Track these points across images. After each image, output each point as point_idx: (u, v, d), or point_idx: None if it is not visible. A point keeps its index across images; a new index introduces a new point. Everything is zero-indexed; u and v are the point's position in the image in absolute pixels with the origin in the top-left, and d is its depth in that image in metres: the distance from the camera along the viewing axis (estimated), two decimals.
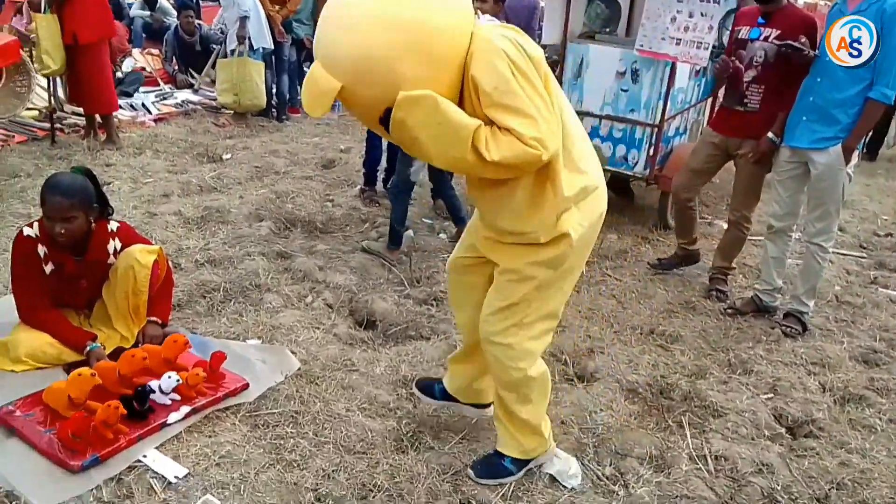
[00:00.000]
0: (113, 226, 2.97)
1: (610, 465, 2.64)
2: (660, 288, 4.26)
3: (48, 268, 2.82)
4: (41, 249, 2.79)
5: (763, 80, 3.87)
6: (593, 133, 5.22)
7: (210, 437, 2.54)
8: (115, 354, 2.89)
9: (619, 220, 5.43)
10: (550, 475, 2.51)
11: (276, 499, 2.30)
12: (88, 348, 2.77)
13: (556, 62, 5.69)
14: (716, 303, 4.07)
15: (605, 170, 5.32)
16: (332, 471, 2.44)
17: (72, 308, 3.01)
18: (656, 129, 4.99)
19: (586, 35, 5.60)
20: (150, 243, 3.09)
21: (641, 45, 4.91)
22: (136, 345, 2.97)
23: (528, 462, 2.51)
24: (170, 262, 3.24)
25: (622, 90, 5.09)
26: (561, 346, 3.44)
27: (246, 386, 2.79)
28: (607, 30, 5.90)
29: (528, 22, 7.09)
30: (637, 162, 5.13)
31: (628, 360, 3.38)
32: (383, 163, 5.28)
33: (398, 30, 1.79)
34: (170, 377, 2.55)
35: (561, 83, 5.35)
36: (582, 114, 5.24)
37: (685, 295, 4.18)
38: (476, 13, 2.05)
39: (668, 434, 2.84)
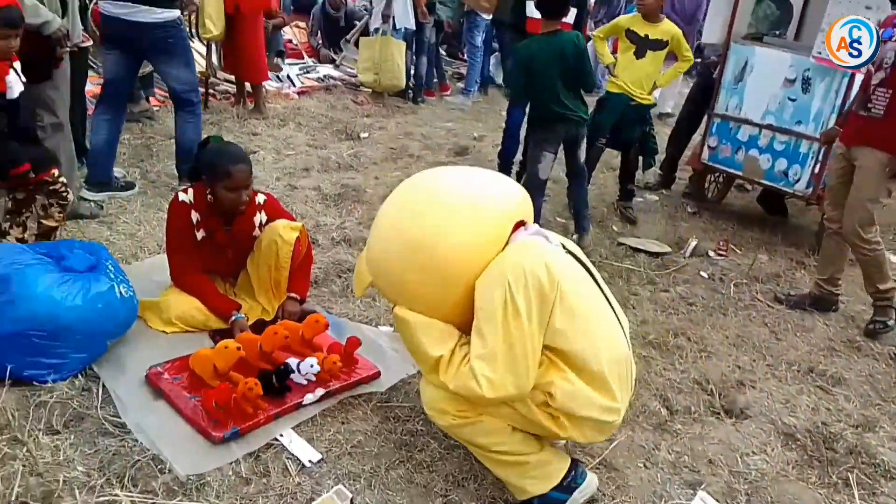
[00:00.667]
0: (260, 198, 2.99)
1: None
2: (819, 321, 3.86)
3: (199, 234, 2.88)
4: (194, 216, 2.84)
5: (891, 83, 3.41)
6: (751, 143, 4.84)
7: (343, 423, 2.49)
8: (256, 326, 2.93)
9: (770, 239, 5.02)
10: None
11: (405, 499, 2.22)
12: (233, 318, 2.81)
13: (716, 63, 5.31)
14: (885, 345, 3.63)
15: (759, 183, 4.98)
16: (462, 478, 2.33)
17: (219, 275, 3.07)
18: (826, 145, 4.53)
19: (752, 36, 5.16)
20: (294, 219, 3.10)
21: (819, 52, 4.46)
22: (275, 319, 2.99)
23: (565, 483, 2.17)
24: (309, 239, 3.24)
25: (789, 99, 4.66)
26: (707, 374, 3.17)
27: (377, 374, 2.73)
28: (776, 32, 5.43)
29: (694, 13, 6.69)
30: (799, 179, 4.69)
31: (784, 400, 3.06)
32: (519, 155, 5.13)
33: (411, 248, 1.93)
34: (312, 365, 2.53)
35: (718, 86, 4.98)
36: (739, 120, 4.87)
37: (849, 332, 3.76)
38: (523, 226, 2.05)
39: (832, 492, 2.53)
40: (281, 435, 2.35)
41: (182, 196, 2.85)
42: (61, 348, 2.40)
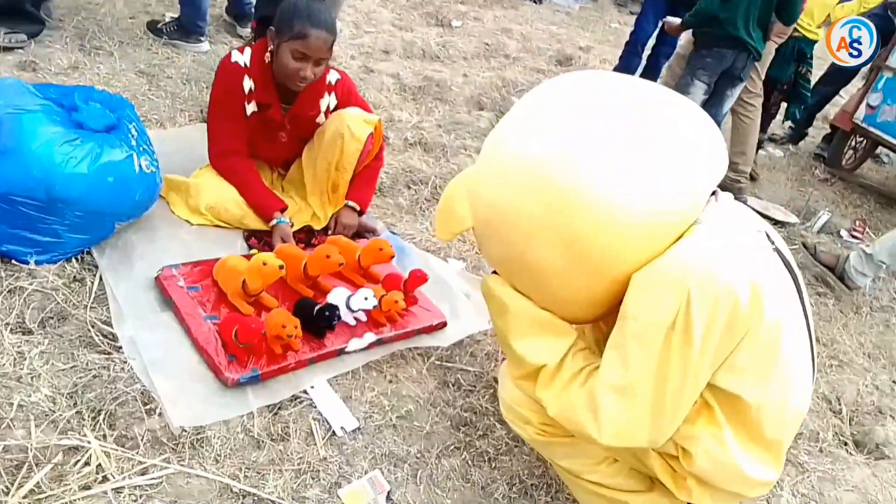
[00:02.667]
0: (333, 77, 2.35)
1: None
2: None
3: (250, 107, 2.27)
4: (248, 83, 2.23)
5: None
6: None
7: (391, 382, 1.96)
8: (303, 234, 2.37)
9: None
10: None
11: (457, 503, 1.69)
12: (275, 221, 2.24)
13: None
14: None
15: None
16: (532, 485, 1.80)
17: (266, 162, 2.49)
18: None
19: None
20: (369, 108, 2.46)
21: None
22: (325, 229, 2.42)
23: None
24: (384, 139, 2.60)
25: None
26: (838, 392, 2.53)
27: (443, 325, 2.17)
28: None
29: None
30: None
31: None
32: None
33: (557, 212, 1.24)
34: (366, 298, 1.96)
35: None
36: None
37: None
38: (714, 196, 1.36)
39: None
40: (312, 387, 1.82)
41: (236, 56, 2.23)
42: (54, 224, 1.87)
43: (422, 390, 1.96)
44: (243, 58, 2.22)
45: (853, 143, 4.68)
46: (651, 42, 4.41)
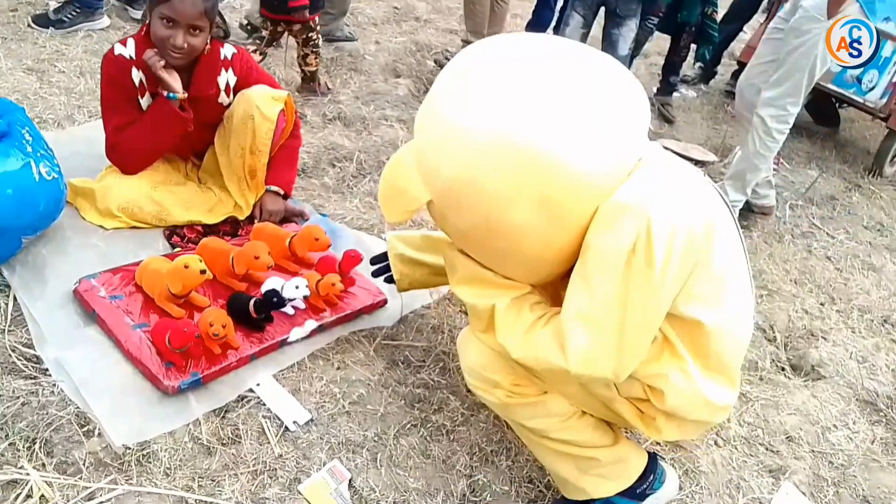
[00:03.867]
0: (227, 51, 2.21)
1: None
2: (887, 258, 3.33)
3: (145, 101, 2.13)
4: (137, 75, 2.08)
5: None
6: None
7: (339, 369, 1.91)
8: (228, 226, 2.27)
9: (821, 153, 4.42)
10: None
11: (421, 481, 1.68)
12: (166, 95, 2.08)
13: None
14: None
15: (825, 88, 4.27)
16: (491, 451, 1.80)
17: (177, 155, 2.36)
18: None
19: None
20: (275, 83, 2.35)
21: None
22: (250, 218, 2.32)
23: (639, 490, 1.63)
24: (297, 115, 2.50)
25: None
26: (771, 320, 2.64)
27: (383, 302, 2.13)
28: None
29: None
30: (873, 87, 4.00)
31: (861, 358, 2.56)
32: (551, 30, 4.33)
33: (528, 170, 1.23)
34: (297, 287, 1.89)
35: None
36: None
37: None
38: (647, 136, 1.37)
39: None
40: (258, 384, 1.76)
41: (119, 48, 2.07)
42: None
43: (371, 373, 1.92)
44: (127, 50, 2.07)
45: None
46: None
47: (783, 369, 2.46)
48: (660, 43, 4.66)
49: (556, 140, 1.21)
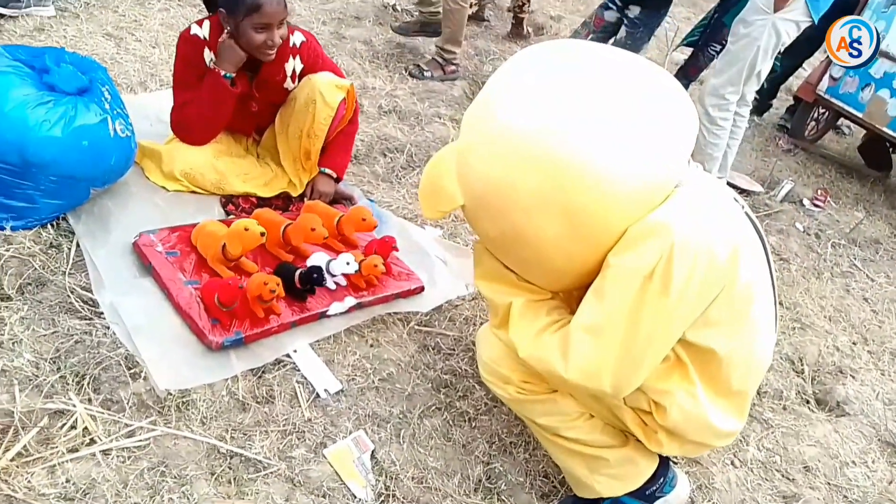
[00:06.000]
0: (297, 39, 2.29)
1: None
2: None
3: None
4: (209, 56, 2.19)
5: None
6: (885, 81, 4.02)
7: (372, 346, 1.98)
8: (280, 201, 2.36)
9: (870, 196, 4.37)
10: None
11: (440, 461, 1.74)
12: (223, 73, 2.15)
13: None
14: None
15: (880, 131, 4.23)
16: (511, 443, 1.86)
17: (240, 132, 2.46)
18: None
19: None
20: (340, 71, 2.43)
21: None
22: (302, 196, 2.41)
23: (648, 491, 1.66)
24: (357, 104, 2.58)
25: None
26: (801, 352, 2.64)
27: (421, 289, 2.20)
28: None
29: None
30: None
31: (887, 400, 2.55)
32: None
33: (556, 184, 1.25)
34: (348, 263, 1.97)
35: (863, 5, 4.12)
36: (878, 52, 4.04)
37: None
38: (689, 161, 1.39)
39: None
40: (295, 351, 1.84)
41: (195, 29, 2.18)
42: (29, 189, 1.85)
43: (403, 354, 1.99)
44: (202, 31, 2.17)
45: (815, 114, 4.79)
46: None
47: (807, 402, 2.46)
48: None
49: (594, 155, 1.23)
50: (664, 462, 1.66)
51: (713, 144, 3.24)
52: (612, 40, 3.72)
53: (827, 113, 4.75)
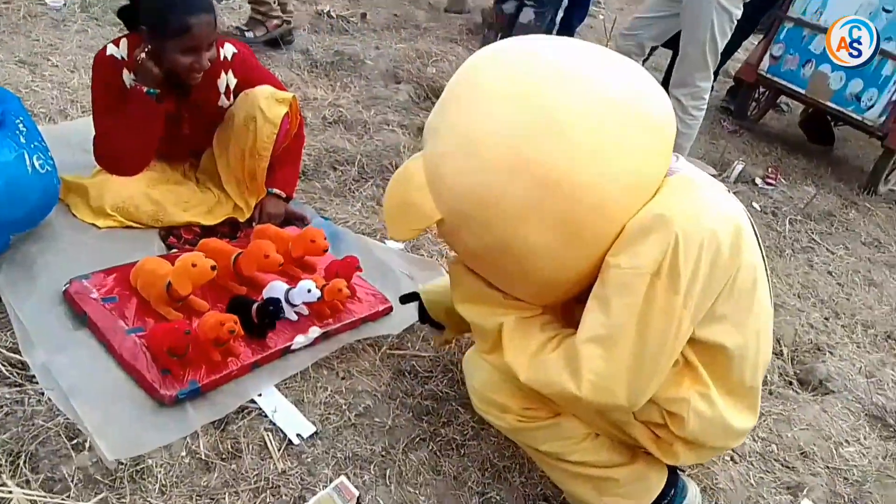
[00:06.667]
0: (227, 52, 2.10)
1: None
2: (886, 274, 3.32)
3: None
4: (128, 78, 1.99)
5: None
6: (825, 56, 4.05)
7: (344, 378, 1.82)
8: (227, 228, 2.18)
9: (818, 170, 4.43)
10: None
11: (432, 499, 1.60)
12: (145, 90, 1.95)
13: None
14: None
15: (824, 105, 4.27)
16: (504, 467, 1.72)
17: (173, 158, 2.25)
18: None
19: None
20: (279, 82, 2.26)
21: None
22: (250, 221, 2.23)
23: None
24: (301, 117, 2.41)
25: (885, 10, 3.86)
26: (778, 333, 2.59)
27: (390, 309, 2.04)
28: None
29: None
30: (872, 105, 3.99)
31: (868, 373, 2.53)
32: None
33: (542, 185, 1.15)
34: (309, 290, 1.80)
35: None
36: (816, 28, 4.08)
37: None
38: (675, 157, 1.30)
39: None
40: (259, 395, 1.67)
41: (111, 49, 1.97)
42: None
43: (378, 383, 1.84)
44: (120, 50, 1.97)
45: (756, 94, 4.83)
46: (564, 3, 4.36)
47: (791, 383, 2.42)
48: (658, 60, 4.64)
49: (579, 155, 1.13)
50: (673, 472, 1.55)
51: (686, 135, 3.18)
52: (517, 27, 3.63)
53: (767, 92, 4.79)
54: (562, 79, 1.17)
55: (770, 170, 4.10)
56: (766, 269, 1.44)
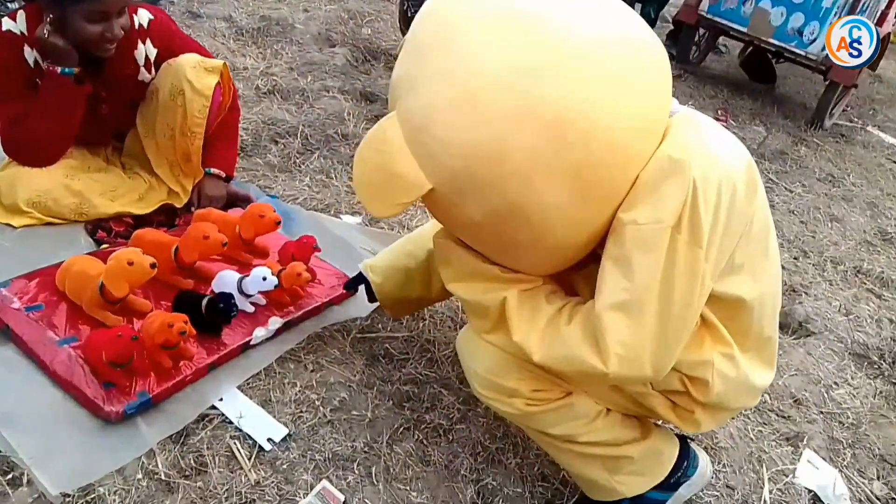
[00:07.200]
0: (143, 18, 1.85)
1: (879, 480, 1.83)
2: (846, 208, 3.32)
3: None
4: (30, 54, 1.72)
5: None
6: None
7: (313, 371, 1.64)
8: (163, 216, 1.95)
9: (764, 109, 4.41)
10: None
11: (425, 493, 1.45)
12: (59, 70, 1.70)
13: None
14: None
15: (766, 42, 4.24)
16: (497, 450, 1.59)
17: (93, 143, 1.99)
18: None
19: None
20: (205, 50, 2.02)
21: None
22: (188, 206, 2.00)
23: (672, 479, 1.42)
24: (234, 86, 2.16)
25: None
26: None
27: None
28: None
29: None
30: (815, 39, 3.97)
31: (845, 311, 2.50)
32: None
33: (558, 136, 0.99)
34: (265, 278, 1.60)
35: None
36: None
37: (878, 222, 3.26)
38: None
39: None
40: (220, 399, 1.48)
41: (7, 24, 1.70)
42: None
43: (351, 372, 1.67)
44: (17, 25, 1.71)
45: (696, 37, 4.77)
46: None
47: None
48: None
49: (592, 96, 0.99)
50: (684, 442, 1.45)
51: None
52: None
53: (707, 34, 4.74)
54: (561, 12, 1.02)
55: (720, 112, 4.05)
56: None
